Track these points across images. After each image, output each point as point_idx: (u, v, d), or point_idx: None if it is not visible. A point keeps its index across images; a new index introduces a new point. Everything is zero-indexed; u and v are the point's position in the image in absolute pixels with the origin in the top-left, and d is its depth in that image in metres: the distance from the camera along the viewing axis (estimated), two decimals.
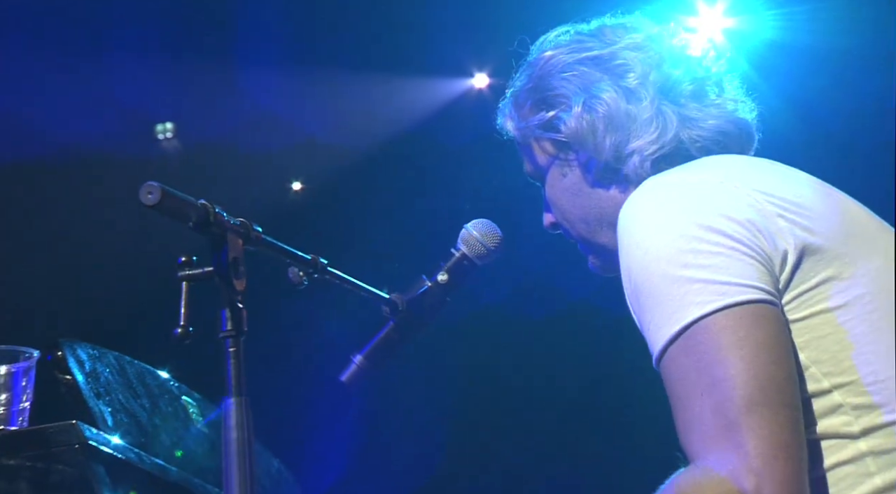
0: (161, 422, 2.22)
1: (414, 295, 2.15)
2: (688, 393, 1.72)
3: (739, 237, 1.78)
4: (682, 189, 1.89)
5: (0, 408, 1.93)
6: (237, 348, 1.72)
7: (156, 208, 1.64)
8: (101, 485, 1.79)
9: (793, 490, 1.66)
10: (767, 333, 1.73)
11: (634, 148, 2.03)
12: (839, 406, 1.78)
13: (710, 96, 2.09)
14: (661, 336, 1.76)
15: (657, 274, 1.78)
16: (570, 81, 2.07)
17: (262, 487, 2.52)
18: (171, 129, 5.86)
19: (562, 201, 2.14)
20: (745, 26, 5.57)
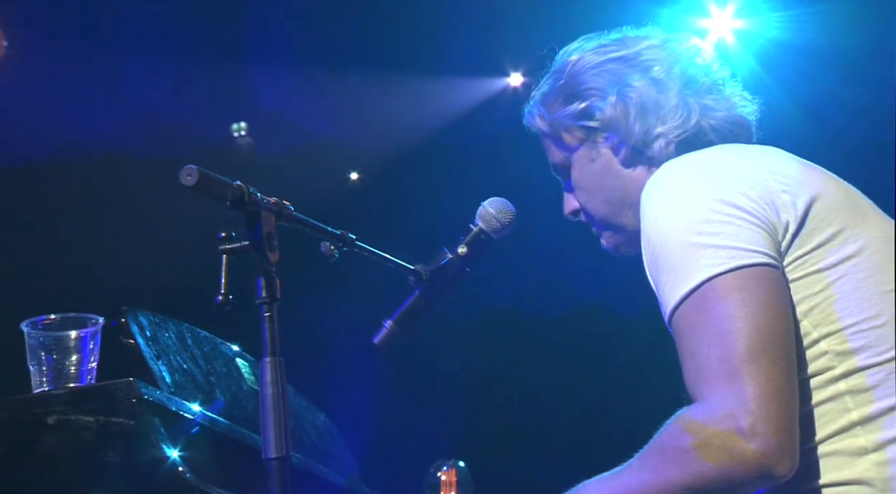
0: (216, 381, 2.22)
1: (437, 266, 2.14)
2: (697, 343, 1.74)
3: (748, 208, 1.81)
4: (699, 166, 1.92)
5: (71, 368, 1.94)
6: (272, 313, 1.72)
7: (194, 188, 1.64)
8: (156, 435, 1.79)
9: (783, 428, 1.68)
10: (769, 292, 1.76)
11: (661, 132, 2.05)
12: (824, 353, 1.81)
13: (722, 91, 2.11)
14: (674, 294, 1.78)
15: (674, 240, 1.80)
16: (602, 76, 2.08)
17: (308, 437, 2.52)
18: (244, 127, 5.88)
19: (589, 184, 2.14)
20: (754, 27, 5.47)
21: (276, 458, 1.67)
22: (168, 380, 2.04)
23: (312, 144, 5.65)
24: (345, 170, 5.95)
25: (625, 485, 1.77)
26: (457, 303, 3.16)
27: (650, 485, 1.75)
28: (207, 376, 2.19)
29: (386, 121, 5.63)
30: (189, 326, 2.27)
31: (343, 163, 5.92)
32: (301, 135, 5.64)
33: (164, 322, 2.17)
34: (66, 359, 1.92)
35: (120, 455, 1.77)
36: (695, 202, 1.82)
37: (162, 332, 2.14)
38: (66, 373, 1.92)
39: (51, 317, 1.95)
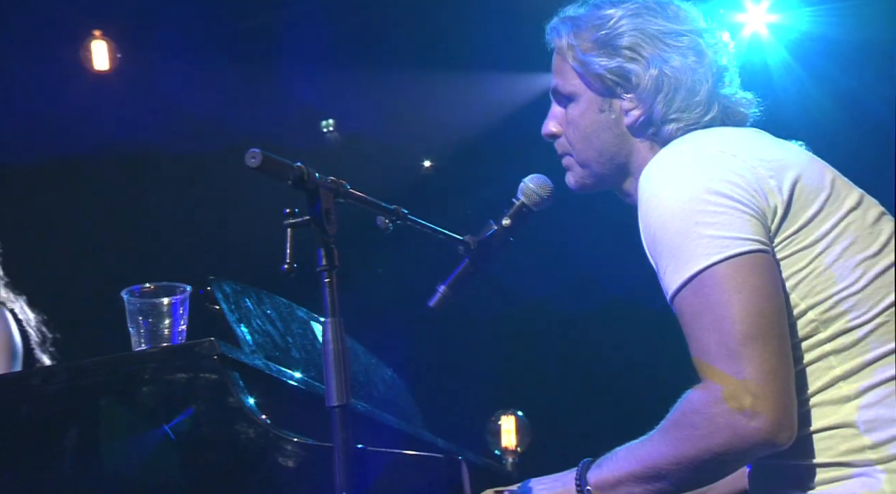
0: (292, 340, 2.23)
1: (483, 236, 2.11)
2: (698, 327, 1.74)
3: (739, 198, 1.77)
4: (693, 158, 1.85)
5: (165, 330, 1.97)
6: (331, 279, 1.71)
7: (258, 170, 1.65)
8: (235, 388, 1.81)
9: (781, 405, 1.69)
10: (761, 277, 1.74)
11: (678, 117, 1.97)
12: (812, 321, 1.79)
13: (741, 90, 2.04)
14: (675, 280, 1.76)
15: (672, 229, 1.77)
16: (646, 44, 1.95)
17: (377, 390, 2.52)
18: (332, 124, 5.89)
19: (588, 129, 2.04)
20: (787, 21, 5.30)
21: (338, 406, 1.67)
22: (249, 341, 2.06)
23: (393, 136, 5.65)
24: (419, 158, 5.93)
25: (647, 455, 1.79)
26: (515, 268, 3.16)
27: (668, 456, 1.76)
28: (284, 336, 2.21)
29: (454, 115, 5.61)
30: (268, 293, 2.28)
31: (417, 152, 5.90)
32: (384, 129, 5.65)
33: (245, 290, 2.19)
34: (159, 323, 1.95)
35: (205, 403, 1.79)
36: (690, 192, 1.77)
37: (243, 299, 2.16)
38: (160, 335, 1.95)
39: (146, 286, 1.97)
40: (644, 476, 1.80)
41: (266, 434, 1.75)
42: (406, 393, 2.69)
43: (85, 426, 1.83)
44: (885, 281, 1.82)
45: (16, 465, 1.85)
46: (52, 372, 2.01)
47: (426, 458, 1.74)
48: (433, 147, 5.83)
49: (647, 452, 1.79)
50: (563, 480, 1.91)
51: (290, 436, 1.75)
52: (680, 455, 1.75)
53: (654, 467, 1.78)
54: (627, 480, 1.82)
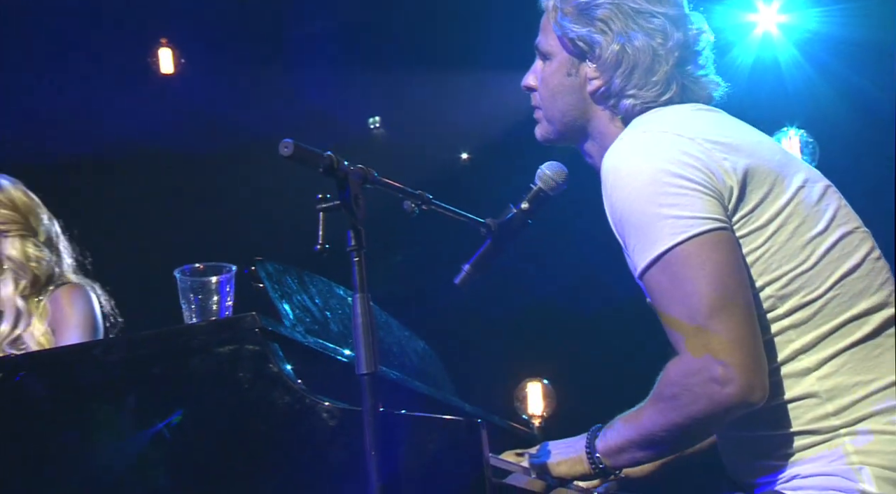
0: (330, 315, 2.22)
1: (503, 219, 2.09)
2: (667, 303, 1.73)
3: (697, 179, 1.74)
4: (652, 142, 1.81)
5: (213, 306, 1.97)
6: (360, 258, 1.71)
7: (291, 158, 1.64)
8: (275, 357, 1.81)
9: (750, 369, 1.68)
10: (723, 253, 1.72)
11: (636, 94, 1.92)
12: (769, 296, 1.77)
13: (704, 76, 1.98)
14: (642, 258, 1.75)
15: (637, 210, 1.75)
16: (616, 19, 1.90)
17: (410, 360, 2.51)
18: (378, 120, 5.89)
19: (556, 89, 2.00)
20: (797, 21, 5.20)
21: (367, 373, 1.66)
22: (290, 315, 2.06)
23: (434, 131, 5.64)
24: (457, 150, 5.91)
25: (641, 424, 1.79)
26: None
27: (659, 424, 1.77)
28: (323, 311, 2.20)
29: (489, 111, 5.58)
30: (308, 273, 2.28)
31: (456, 145, 5.89)
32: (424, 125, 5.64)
33: (287, 269, 2.19)
34: (208, 299, 1.96)
35: (248, 372, 1.79)
36: (651, 175, 1.75)
37: (285, 278, 2.15)
38: (208, 310, 1.95)
39: (196, 266, 1.98)
40: (642, 443, 1.81)
41: (302, 399, 1.75)
42: (437, 363, 2.67)
43: (141, 391, 1.84)
44: (832, 257, 1.80)
45: (81, 425, 1.86)
46: (112, 343, 2.03)
47: (448, 421, 1.73)
48: (470, 140, 5.81)
49: (641, 422, 1.79)
50: (575, 446, 1.91)
51: (324, 401, 1.75)
52: (668, 422, 1.75)
53: (649, 434, 1.79)
54: (629, 446, 1.82)
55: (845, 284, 1.79)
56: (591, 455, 1.85)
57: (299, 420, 1.73)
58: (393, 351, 2.41)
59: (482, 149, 5.84)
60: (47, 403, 1.88)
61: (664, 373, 1.76)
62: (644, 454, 1.82)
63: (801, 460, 1.75)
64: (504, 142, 5.60)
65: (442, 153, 5.71)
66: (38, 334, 2.60)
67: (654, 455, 1.86)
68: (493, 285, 2.40)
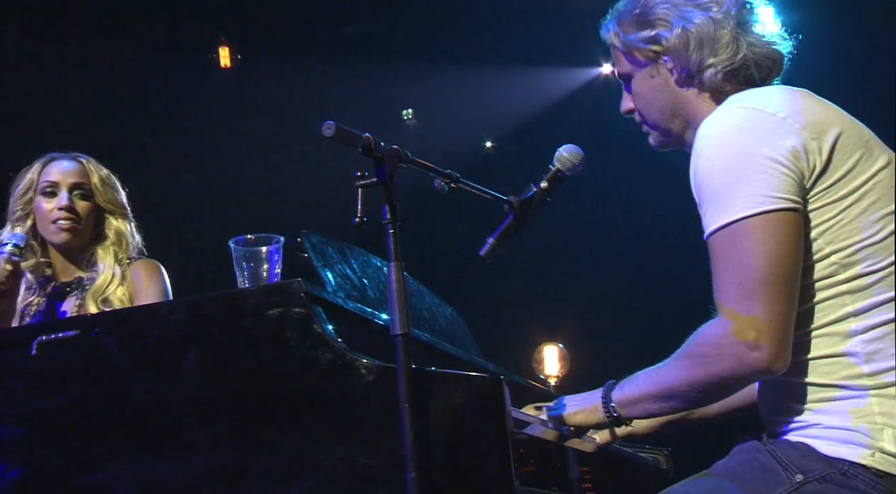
0: (367, 282, 2.22)
1: (525, 197, 2.09)
2: (723, 268, 1.70)
3: (781, 159, 1.70)
4: (746, 117, 1.77)
5: (263, 273, 1.97)
6: (394, 230, 1.70)
7: (333, 139, 1.63)
8: (319, 319, 1.81)
9: (780, 341, 1.66)
10: (786, 233, 1.68)
11: (713, 62, 1.89)
12: (833, 263, 1.74)
13: (764, 31, 1.94)
14: (713, 222, 1.72)
15: (717, 177, 1.72)
16: (671, 10, 1.91)
17: (439, 324, 2.50)
18: (411, 113, 5.88)
19: (648, 95, 1.98)
20: None
21: (401, 334, 1.66)
22: (332, 282, 2.06)
23: (461, 121, 5.61)
24: (482, 139, 5.88)
25: (663, 378, 1.78)
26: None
27: (681, 379, 1.74)
28: (361, 279, 2.20)
29: (511, 103, 5.55)
30: (348, 244, 2.28)
31: (481, 134, 5.86)
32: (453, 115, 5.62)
33: (329, 241, 2.19)
34: (259, 267, 1.96)
35: (294, 332, 1.79)
36: (739, 149, 1.71)
37: (327, 248, 2.15)
38: (259, 277, 1.96)
39: (248, 237, 1.98)
40: (660, 396, 1.79)
41: (343, 356, 1.75)
42: (464, 327, 2.67)
43: (200, 347, 1.85)
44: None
45: (148, 376, 1.88)
46: (175, 305, 2.04)
47: (473, 377, 1.71)
48: (493, 130, 5.79)
49: (663, 376, 1.77)
50: (591, 398, 1.91)
51: (362, 358, 1.75)
52: (691, 378, 1.73)
53: (668, 388, 1.77)
54: (646, 398, 1.81)
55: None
56: (607, 405, 1.85)
57: (340, 375, 1.73)
58: (424, 316, 2.40)
59: (504, 137, 5.82)
60: (119, 356, 1.89)
61: (698, 333, 1.74)
62: (658, 406, 1.81)
63: (827, 411, 1.72)
64: (524, 131, 5.60)
65: (468, 141, 5.70)
66: (120, 295, 2.67)
67: (667, 409, 1.83)
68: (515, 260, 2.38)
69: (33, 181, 2.70)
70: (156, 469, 1.80)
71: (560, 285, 5.16)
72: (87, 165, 2.75)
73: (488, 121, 5.66)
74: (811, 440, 1.72)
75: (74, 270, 2.72)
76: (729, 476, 1.77)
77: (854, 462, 1.67)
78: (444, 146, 5.25)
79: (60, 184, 2.68)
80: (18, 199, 2.70)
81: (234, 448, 1.78)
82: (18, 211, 2.70)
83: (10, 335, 2.21)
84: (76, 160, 2.75)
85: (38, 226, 2.70)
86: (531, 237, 2.16)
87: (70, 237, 2.67)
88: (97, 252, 2.71)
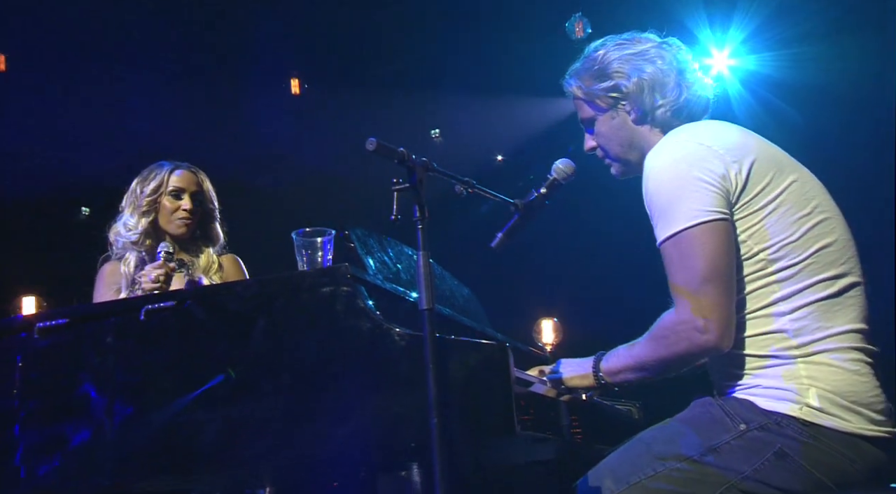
0: (402, 267, 2.18)
1: (527, 200, 2.05)
2: (674, 270, 1.70)
3: (709, 180, 1.71)
4: (681, 148, 1.77)
5: (318, 259, 1.94)
6: (423, 226, 1.66)
7: (374, 152, 1.60)
8: (361, 296, 1.78)
9: (724, 325, 1.67)
10: (719, 238, 1.69)
11: (663, 103, 1.89)
12: (762, 259, 1.73)
13: (696, 76, 1.93)
14: (662, 233, 1.72)
15: (663, 197, 1.74)
16: (625, 64, 1.90)
17: (457, 302, 2.46)
18: (438, 132, 5.81)
19: (609, 134, 1.95)
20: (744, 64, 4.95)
21: (426, 309, 1.62)
22: (372, 267, 2.02)
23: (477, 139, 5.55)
24: (494, 155, 5.81)
25: (636, 355, 1.77)
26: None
27: (650, 356, 1.73)
28: (395, 264, 2.16)
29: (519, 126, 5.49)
30: (385, 237, 2.24)
31: (492, 150, 5.79)
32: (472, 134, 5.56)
33: (370, 234, 2.16)
34: (315, 254, 1.93)
35: (342, 306, 1.76)
36: (677, 173, 1.72)
37: (369, 240, 2.12)
38: (315, 261, 1.92)
39: (307, 230, 1.95)
40: (635, 368, 1.78)
41: (381, 326, 1.72)
42: (478, 304, 2.62)
43: (268, 317, 1.82)
44: (813, 233, 1.75)
45: (228, 339, 1.86)
46: (249, 283, 2.00)
47: (485, 344, 1.68)
48: (503, 146, 5.72)
49: (637, 353, 1.76)
50: (584, 366, 1.88)
51: (395, 328, 1.71)
52: (657, 356, 1.72)
53: (641, 363, 1.76)
54: (625, 370, 1.79)
55: (821, 254, 1.74)
56: (597, 374, 1.84)
57: (378, 340, 1.70)
58: (445, 295, 2.36)
59: (511, 152, 5.75)
60: (206, 323, 1.87)
61: (660, 320, 1.73)
62: (634, 376, 1.80)
63: (765, 375, 1.71)
64: (528, 148, 5.53)
65: (483, 155, 5.64)
66: (216, 280, 2.70)
67: (642, 379, 1.82)
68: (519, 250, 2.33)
69: (162, 183, 2.70)
70: (234, 412, 1.78)
71: (556, 271, 5.13)
72: (199, 176, 2.77)
73: (499, 139, 5.60)
74: (752, 397, 1.71)
75: (181, 254, 2.74)
76: (687, 424, 1.75)
77: (786, 414, 1.67)
78: (463, 159, 5.19)
79: (185, 190, 2.70)
80: (147, 197, 2.69)
81: (294, 397, 1.75)
82: (145, 206, 2.69)
83: (124, 304, 2.20)
84: (192, 171, 2.76)
85: (159, 219, 2.70)
86: (532, 232, 2.10)
87: (186, 230, 2.71)
88: (199, 243, 2.75)
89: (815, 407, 1.66)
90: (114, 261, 2.68)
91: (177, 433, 1.77)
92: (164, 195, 2.69)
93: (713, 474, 1.66)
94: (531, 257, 4.81)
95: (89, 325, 1.89)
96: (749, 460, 1.65)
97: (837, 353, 1.70)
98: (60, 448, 1.81)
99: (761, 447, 1.65)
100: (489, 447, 1.77)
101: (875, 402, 1.70)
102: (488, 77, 5.21)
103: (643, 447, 1.76)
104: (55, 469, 1.80)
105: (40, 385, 1.88)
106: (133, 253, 2.65)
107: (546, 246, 4.87)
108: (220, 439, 1.75)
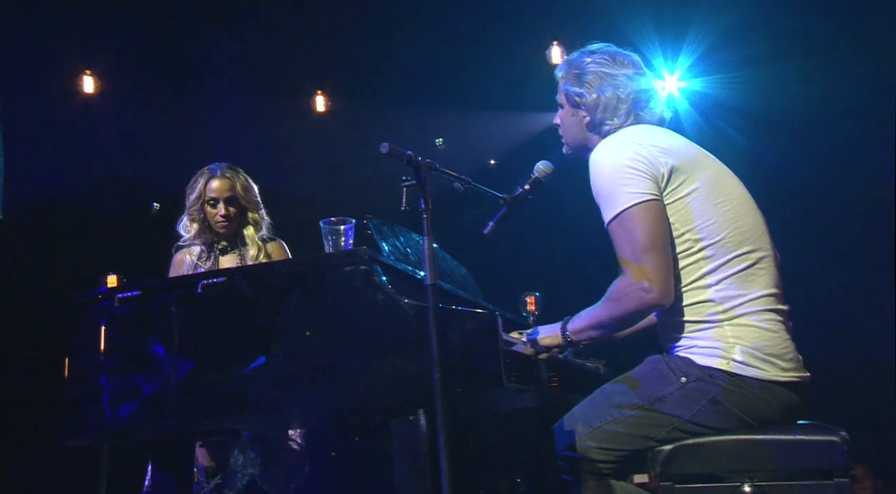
0: (410, 251, 2.17)
1: (514, 195, 2.03)
2: (621, 245, 1.71)
3: (642, 169, 1.72)
4: (618, 145, 1.78)
5: (341, 243, 1.93)
6: (427, 216, 1.64)
7: (387, 155, 1.59)
8: (376, 274, 1.76)
9: (666, 285, 1.68)
10: (654, 216, 1.70)
11: (610, 123, 1.89)
12: (688, 239, 1.74)
13: (655, 105, 1.91)
14: (607, 215, 1.73)
15: (606, 185, 1.76)
16: (595, 79, 1.88)
17: (456, 279, 2.44)
18: (442, 142, 5.72)
19: (567, 124, 1.98)
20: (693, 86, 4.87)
21: (430, 284, 1.61)
22: (386, 250, 2.01)
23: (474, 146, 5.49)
24: (487, 159, 5.76)
25: (596, 315, 1.77)
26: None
27: (606, 315, 1.74)
28: (405, 247, 2.15)
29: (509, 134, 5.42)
30: (398, 226, 2.22)
31: (486, 155, 5.74)
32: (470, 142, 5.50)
33: (385, 223, 2.14)
34: (339, 240, 1.91)
35: (361, 281, 1.76)
36: (615, 165, 1.72)
37: (384, 228, 2.11)
38: (339, 245, 1.90)
39: (332, 219, 1.94)
40: (595, 326, 1.78)
41: (393, 297, 1.71)
42: (473, 281, 2.61)
43: (300, 291, 1.81)
44: (728, 216, 1.75)
45: (268, 309, 1.85)
46: (285, 263, 2.01)
47: (479, 313, 1.68)
48: (495, 150, 5.67)
49: (595, 313, 1.76)
50: (554, 328, 1.89)
51: (405, 299, 1.71)
52: (611, 314, 1.73)
53: (599, 321, 1.76)
54: (587, 328, 1.79)
55: (735, 234, 1.75)
56: (564, 333, 1.84)
57: (391, 310, 1.69)
58: (446, 273, 2.35)
59: (502, 156, 5.70)
60: (250, 294, 1.86)
61: (613, 285, 1.74)
62: (596, 333, 1.80)
63: (700, 336, 1.73)
64: (515, 152, 5.49)
65: (478, 158, 5.59)
66: (259, 260, 2.71)
67: (602, 335, 1.82)
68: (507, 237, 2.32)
69: (201, 194, 2.72)
70: (275, 366, 1.77)
71: (537, 254, 5.11)
72: (232, 178, 2.74)
73: (492, 145, 5.55)
74: (691, 355, 1.73)
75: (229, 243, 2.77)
76: (640, 377, 1.78)
77: (717, 367, 1.70)
78: (461, 161, 5.13)
79: (219, 199, 2.70)
80: (193, 206, 2.73)
81: (322, 356, 1.74)
82: (194, 212, 2.73)
83: (185, 280, 2.19)
84: (225, 176, 2.73)
85: (208, 220, 2.74)
86: (517, 222, 2.09)
87: (226, 230, 2.74)
88: (243, 233, 2.75)
89: (739, 361, 1.68)
90: (183, 250, 2.75)
91: (228, 384, 1.78)
92: (204, 203, 2.70)
93: (660, 418, 1.71)
94: (517, 242, 4.78)
95: (158, 296, 1.90)
96: (689, 407, 1.69)
97: (755, 315, 1.71)
98: (136, 395, 1.82)
99: (698, 396, 1.69)
100: (482, 397, 1.78)
101: (786, 353, 1.72)
102: (486, 95, 5.17)
103: (605, 397, 1.78)
104: (132, 412, 1.82)
105: (119, 344, 1.90)
106: (195, 245, 2.74)
107: (529, 233, 4.85)
108: (263, 389, 1.75)
